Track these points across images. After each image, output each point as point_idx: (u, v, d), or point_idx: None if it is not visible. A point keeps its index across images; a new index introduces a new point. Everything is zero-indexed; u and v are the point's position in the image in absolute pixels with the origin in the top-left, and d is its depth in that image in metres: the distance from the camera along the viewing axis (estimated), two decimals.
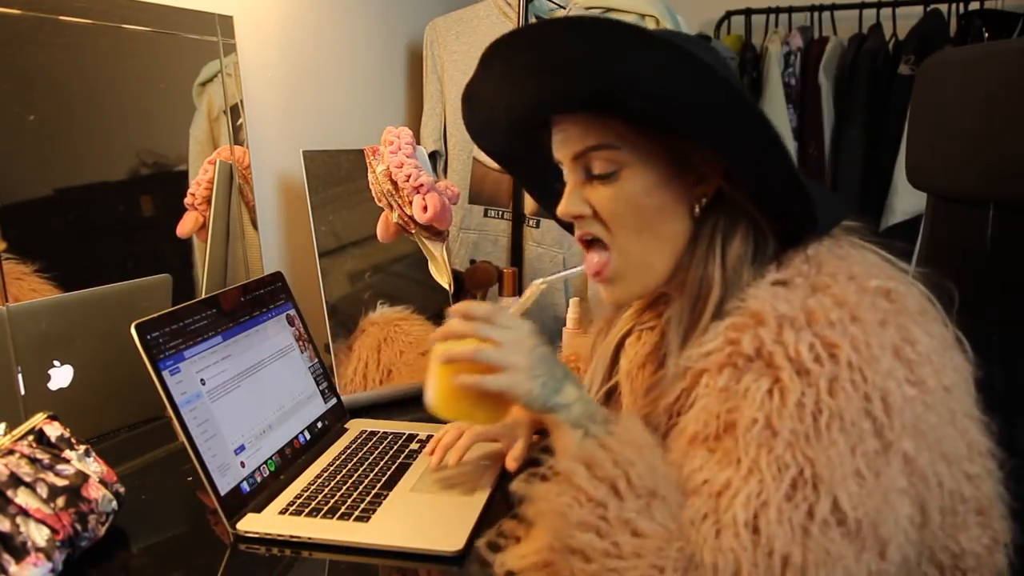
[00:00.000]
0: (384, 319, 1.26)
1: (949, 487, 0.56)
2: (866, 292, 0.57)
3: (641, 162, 0.63)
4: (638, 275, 0.67)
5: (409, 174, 1.22)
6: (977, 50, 0.89)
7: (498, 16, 1.62)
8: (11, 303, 0.94)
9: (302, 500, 0.87)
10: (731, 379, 0.57)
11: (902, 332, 0.56)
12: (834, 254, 0.61)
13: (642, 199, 0.64)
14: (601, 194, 0.65)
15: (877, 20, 2.35)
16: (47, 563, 0.69)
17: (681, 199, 0.65)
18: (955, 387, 0.57)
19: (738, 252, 0.64)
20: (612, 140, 0.63)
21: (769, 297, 0.58)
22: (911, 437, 0.54)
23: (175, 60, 1.16)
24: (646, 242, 0.65)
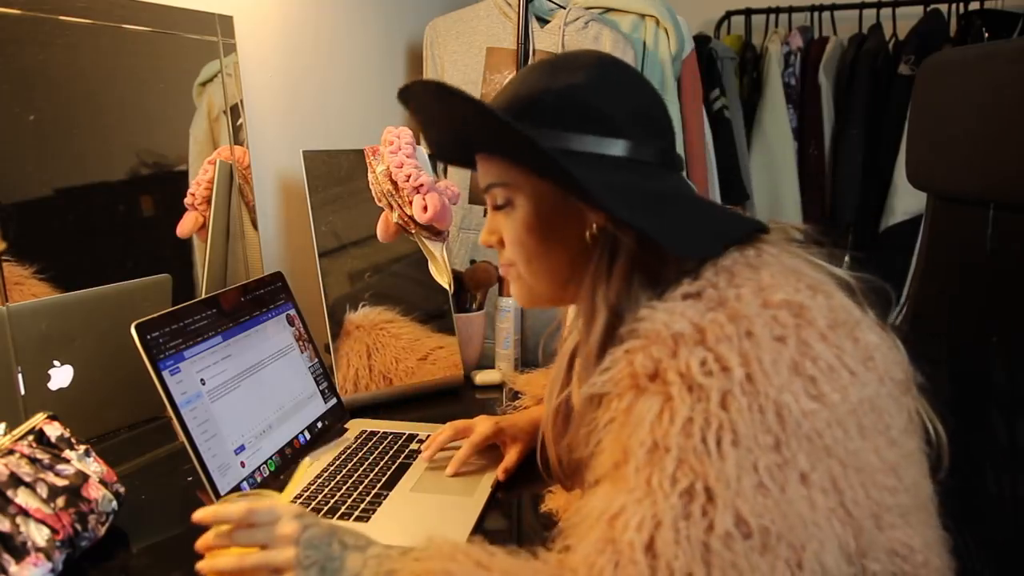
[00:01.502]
0: (369, 322, 1.25)
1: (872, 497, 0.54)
2: (769, 306, 0.56)
3: (528, 195, 0.69)
4: (526, 289, 0.74)
5: (409, 174, 1.22)
6: (977, 50, 0.89)
7: (498, 16, 1.62)
8: (11, 303, 0.94)
9: (302, 500, 0.87)
10: (632, 403, 0.57)
11: (802, 348, 0.55)
12: (748, 264, 0.60)
13: (532, 227, 0.70)
14: (502, 222, 0.73)
15: (877, 20, 2.35)
16: (47, 563, 0.69)
17: (572, 226, 0.68)
18: (868, 403, 0.56)
19: (623, 275, 0.64)
20: (503, 178, 0.70)
21: (664, 315, 0.58)
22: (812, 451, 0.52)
23: (175, 60, 1.16)
24: (536, 263, 0.71)
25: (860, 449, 0.54)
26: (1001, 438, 0.67)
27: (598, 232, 0.66)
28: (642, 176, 0.65)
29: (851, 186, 2.34)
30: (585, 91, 0.66)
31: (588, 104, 0.66)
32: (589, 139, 0.65)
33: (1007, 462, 0.73)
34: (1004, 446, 0.68)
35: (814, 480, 0.52)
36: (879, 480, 0.55)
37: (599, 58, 0.70)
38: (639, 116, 0.67)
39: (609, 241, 0.66)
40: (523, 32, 1.57)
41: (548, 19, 1.61)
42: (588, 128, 0.65)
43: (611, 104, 0.66)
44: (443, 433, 0.97)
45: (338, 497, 0.88)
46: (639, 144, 0.66)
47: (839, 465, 0.53)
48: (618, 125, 0.66)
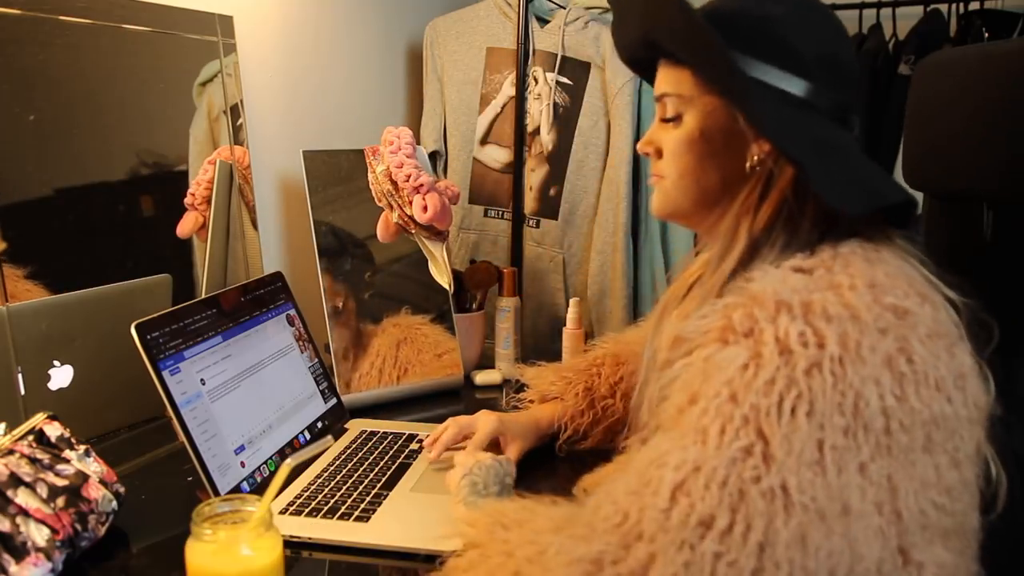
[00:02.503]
0: (407, 322, 1.27)
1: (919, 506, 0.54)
2: (877, 304, 0.55)
3: (699, 112, 0.69)
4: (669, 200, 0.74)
5: (409, 174, 1.22)
6: (977, 50, 0.89)
7: (498, 16, 1.62)
8: (11, 303, 0.94)
9: (302, 500, 0.87)
10: (715, 352, 0.56)
11: (901, 343, 0.54)
12: (865, 256, 0.59)
13: (695, 144, 0.70)
14: (665, 134, 0.73)
15: (877, 20, 2.35)
16: (47, 563, 0.69)
17: (733, 153, 0.68)
18: (941, 419, 0.55)
19: (770, 212, 0.64)
20: (679, 89, 0.70)
21: (773, 281, 0.58)
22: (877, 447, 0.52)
23: (175, 60, 1.16)
24: (689, 179, 0.71)
25: (920, 461, 0.54)
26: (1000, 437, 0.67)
27: (757, 164, 0.66)
28: (813, 121, 0.65)
29: None
30: (781, 24, 0.66)
31: (781, 37, 0.66)
32: (773, 71, 0.65)
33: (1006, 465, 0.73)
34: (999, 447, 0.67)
35: (871, 472, 0.52)
36: (931, 496, 0.55)
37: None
38: (827, 62, 0.67)
39: (765, 175, 0.66)
40: (523, 32, 1.57)
41: (548, 19, 1.61)
42: (775, 60, 0.65)
43: (802, 43, 0.66)
44: (446, 432, 0.97)
45: (338, 497, 0.88)
46: (819, 90, 0.66)
47: (898, 467, 0.53)
48: (804, 65, 0.66)
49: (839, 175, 0.61)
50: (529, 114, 1.60)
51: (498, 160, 1.63)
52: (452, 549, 0.67)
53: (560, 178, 1.59)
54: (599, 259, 1.57)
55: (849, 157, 0.65)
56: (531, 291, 1.64)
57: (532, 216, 1.63)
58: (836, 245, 0.61)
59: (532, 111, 1.59)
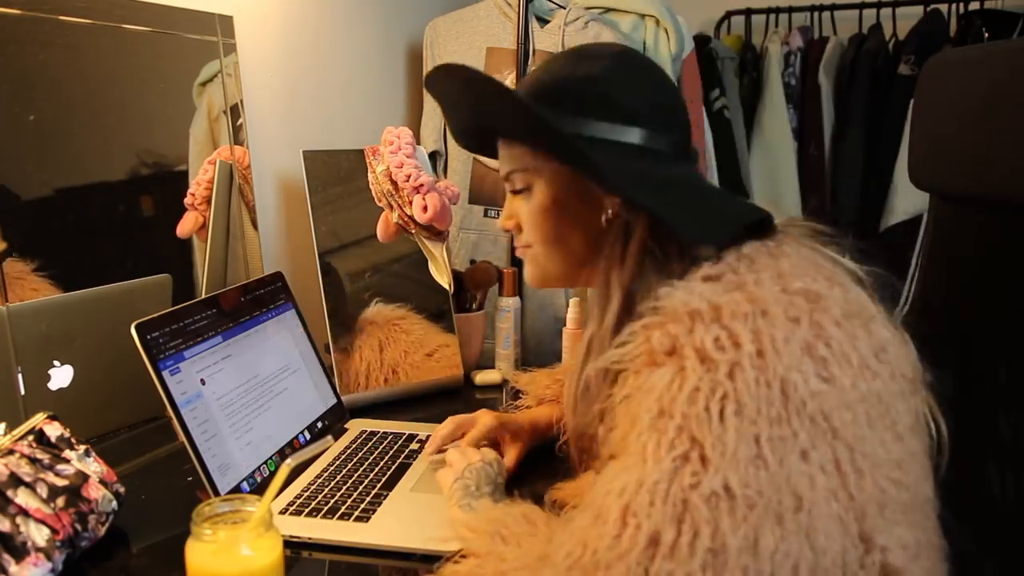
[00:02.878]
0: (382, 318, 1.26)
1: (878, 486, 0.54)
2: (787, 292, 0.57)
3: (546, 180, 0.72)
4: (538, 269, 0.77)
5: (409, 174, 1.22)
6: (977, 50, 0.89)
7: (498, 16, 1.62)
8: (11, 303, 0.93)
9: (302, 500, 0.87)
10: (648, 376, 0.57)
11: (815, 329, 0.55)
12: (768, 252, 0.61)
13: (549, 211, 0.72)
14: (520, 206, 0.75)
15: (877, 20, 2.35)
16: (47, 563, 0.69)
17: (588, 210, 0.70)
18: (876, 397, 0.56)
19: (636, 259, 0.66)
20: (523, 163, 0.73)
21: (682, 294, 0.59)
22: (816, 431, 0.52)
23: (175, 60, 1.16)
24: (552, 246, 0.74)
25: (867, 437, 0.54)
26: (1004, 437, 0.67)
27: (613, 217, 0.68)
28: (656, 164, 0.67)
29: (851, 186, 2.34)
30: (604, 80, 0.68)
31: (606, 92, 0.68)
32: (606, 126, 0.67)
33: (1009, 461, 0.73)
34: (1007, 445, 0.68)
35: (814, 458, 0.52)
36: (885, 472, 0.55)
37: (620, 50, 0.72)
38: (656, 107, 0.69)
39: (623, 226, 0.67)
40: (523, 32, 1.57)
41: (548, 19, 1.61)
42: (606, 116, 0.67)
43: (629, 94, 0.68)
44: (445, 427, 0.97)
45: (338, 497, 0.88)
46: (655, 134, 0.68)
47: (845, 448, 0.53)
48: (635, 114, 0.67)
49: (690, 210, 0.63)
50: None
51: None
52: (450, 550, 0.67)
53: None
54: None
55: (697, 191, 0.67)
56: (531, 291, 1.64)
57: None
58: (738, 248, 0.62)
59: None
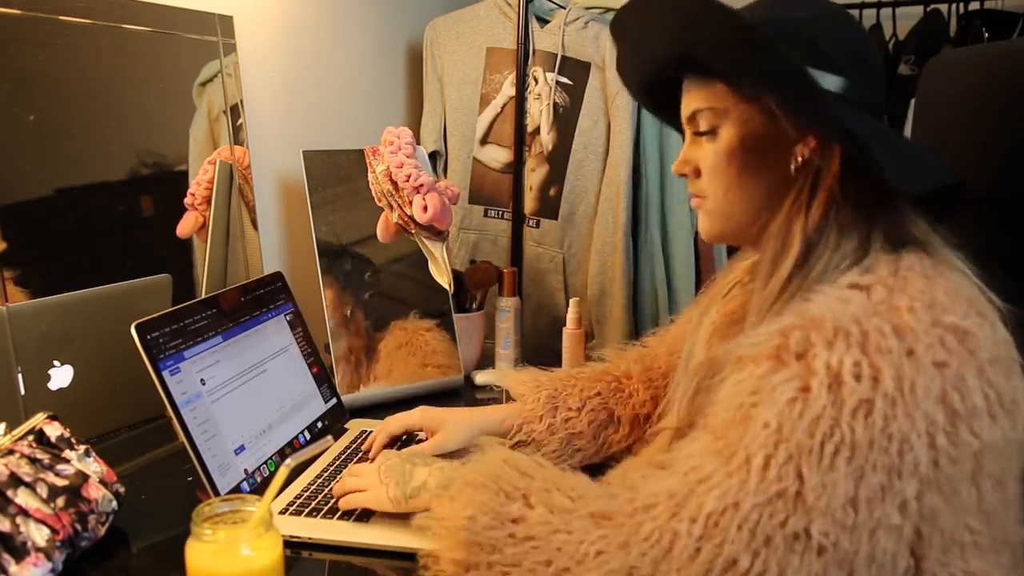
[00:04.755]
0: (407, 322, 1.27)
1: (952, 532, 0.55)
2: (938, 326, 0.55)
3: (737, 122, 0.69)
4: (718, 219, 0.73)
5: (409, 174, 1.22)
6: (977, 51, 0.89)
7: (498, 16, 1.62)
8: (11, 303, 0.93)
9: (302, 500, 0.87)
10: (768, 372, 0.57)
11: (956, 380, 0.54)
12: (924, 274, 0.59)
13: (735, 155, 0.69)
14: (704, 149, 0.72)
15: (877, 20, 2.35)
16: (47, 563, 0.69)
17: (775, 156, 0.68)
18: (993, 445, 0.55)
19: (822, 209, 0.64)
20: (713, 103, 0.70)
21: (835, 303, 0.57)
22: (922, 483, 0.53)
23: (175, 60, 1.16)
24: (734, 192, 0.70)
25: (964, 490, 0.54)
26: None
27: (802, 164, 0.66)
28: (853, 112, 0.65)
29: None
30: (811, 26, 0.67)
31: (812, 37, 0.66)
32: (812, 72, 0.64)
33: None
34: None
35: (913, 508, 0.52)
36: (967, 520, 0.55)
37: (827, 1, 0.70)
38: (858, 60, 0.67)
39: (812, 173, 0.65)
40: (523, 32, 1.57)
41: (548, 19, 1.61)
42: (809, 60, 0.65)
43: (834, 42, 0.66)
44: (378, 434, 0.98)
45: None
46: (855, 85, 0.66)
47: (941, 499, 0.53)
48: (837, 62, 0.66)
49: (897, 157, 0.60)
50: (529, 114, 1.60)
51: (498, 160, 1.63)
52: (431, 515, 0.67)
53: (560, 178, 1.59)
54: (599, 259, 1.57)
55: (895, 139, 0.65)
56: (531, 291, 1.64)
57: (532, 216, 1.63)
58: (893, 259, 0.60)
59: (532, 111, 1.59)
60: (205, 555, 0.62)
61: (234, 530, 0.63)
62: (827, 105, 0.59)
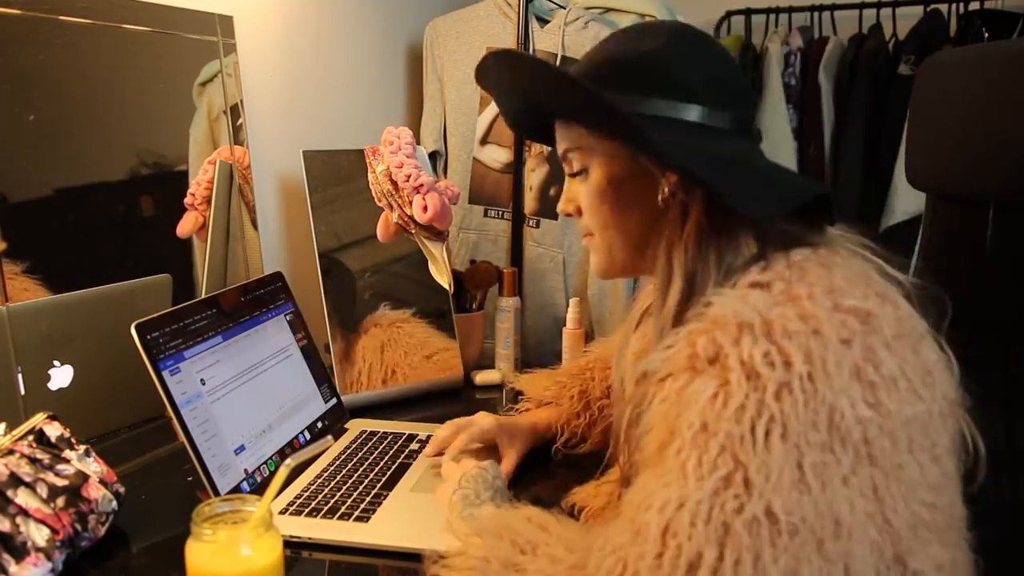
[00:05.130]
0: (387, 320, 1.26)
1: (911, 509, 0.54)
2: (838, 310, 0.56)
3: (602, 161, 0.71)
4: (604, 255, 0.75)
5: (409, 174, 1.22)
6: (977, 50, 0.89)
7: (498, 16, 1.62)
8: (11, 303, 0.94)
9: (302, 500, 0.87)
10: (687, 383, 0.56)
11: (866, 353, 0.54)
12: (820, 262, 0.60)
13: (606, 192, 0.71)
14: (578, 188, 0.74)
15: (877, 20, 2.35)
16: (47, 563, 0.69)
17: (645, 190, 0.68)
18: (919, 418, 0.55)
19: (695, 238, 0.64)
20: (577, 143, 0.72)
21: (732, 302, 0.58)
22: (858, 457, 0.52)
23: (175, 60, 1.16)
24: (611, 229, 0.72)
25: (905, 463, 0.54)
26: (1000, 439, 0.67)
27: (669, 196, 0.66)
28: (714, 141, 0.65)
29: (851, 186, 2.34)
30: (660, 57, 0.67)
31: (663, 69, 0.66)
32: (663, 103, 0.66)
33: (1006, 464, 0.73)
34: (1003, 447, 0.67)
35: (854, 483, 0.52)
36: (919, 495, 0.55)
37: (676, 26, 0.71)
38: (714, 83, 0.67)
39: (680, 204, 0.66)
40: (523, 32, 1.57)
41: (548, 19, 1.61)
42: (662, 93, 0.66)
43: (686, 70, 0.66)
44: (444, 430, 0.97)
45: (338, 497, 0.88)
46: (714, 111, 0.66)
47: (883, 474, 0.53)
48: (692, 91, 0.66)
49: (747, 184, 0.61)
50: None
51: (498, 160, 1.63)
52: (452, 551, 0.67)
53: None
54: None
55: (755, 166, 0.66)
56: (531, 291, 1.64)
57: (532, 216, 1.63)
58: (788, 254, 0.61)
59: None
60: (205, 555, 0.62)
61: (234, 530, 0.63)
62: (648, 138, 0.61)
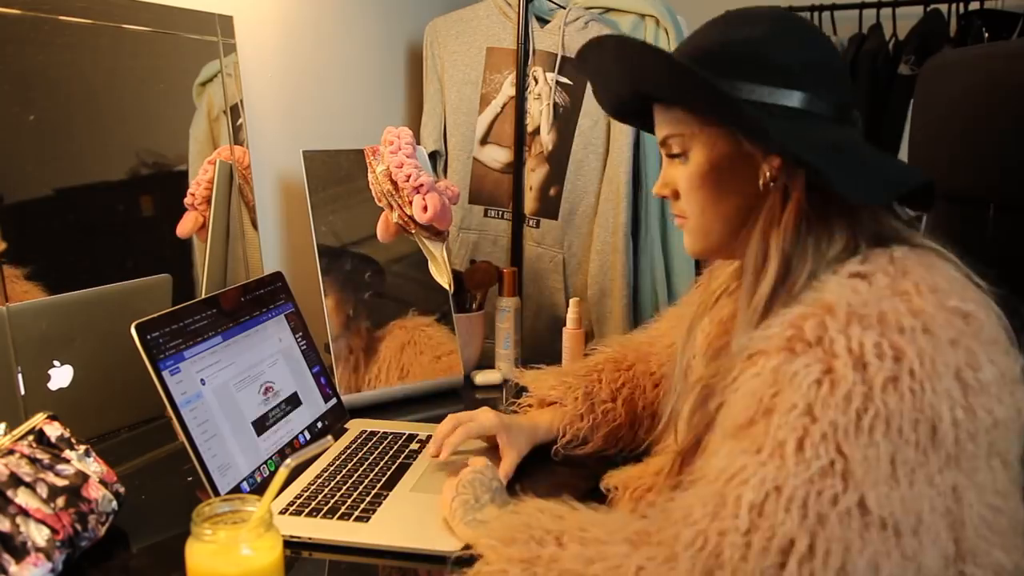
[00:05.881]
0: (407, 322, 1.28)
1: (979, 512, 0.55)
2: (943, 309, 0.56)
3: (704, 145, 0.70)
4: (699, 237, 0.74)
5: (409, 174, 1.22)
6: (977, 51, 0.89)
7: (498, 16, 1.62)
8: (11, 303, 0.94)
9: (302, 500, 0.87)
10: (784, 362, 0.56)
11: (969, 356, 0.55)
12: (921, 263, 0.60)
13: (706, 176, 0.71)
14: (678, 172, 0.74)
15: (877, 20, 2.35)
16: (47, 563, 0.69)
17: (745, 175, 0.69)
18: (1002, 423, 0.56)
19: (793, 223, 0.65)
20: (679, 128, 0.72)
21: (844, 290, 0.58)
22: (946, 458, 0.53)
23: (175, 60, 1.16)
24: (709, 213, 0.72)
25: (982, 468, 0.55)
26: None
27: (770, 180, 0.67)
28: (816, 127, 0.66)
29: None
30: (762, 43, 0.67)
31: (764, 55, 0.67)
32: (765, 90, 0.66)
33: None
34: None
35: (938, 483, 0.53)
36: (988, 499, 0.55)
37: (778, 12, 0.71)
38: (815, 68, 0.67)
39: (781, 189, 0.66)
40: (523, 32, 1.57)
41: (548, 19, 1.61)
42: (764, 79, 0.66)
43: (787, 56, 0.67)
44: (445, 426, 0.97)
45: (338, 497, 0.88)
46: (815, 97, 0.67)
47: (963, 476, 0.54)
48: (793, 77, 0.66)
49: (852, 170, 0.61)
50: (529, 114, 1.60)
51: (498, 160, 1.63)
52: (453, 549, 0.67)
53: (560, 178, 1.59)
54: (599, 259, 1.57)
55: (858, 152, 0.66)
56: (531, 291, 1.64)
57: (532, 216, 1.63)
58: (889, 250, 0.61)
59: (532, 111, 1.59)
60: (205, 555, 0.62)
61: (234, 530, 0.63)
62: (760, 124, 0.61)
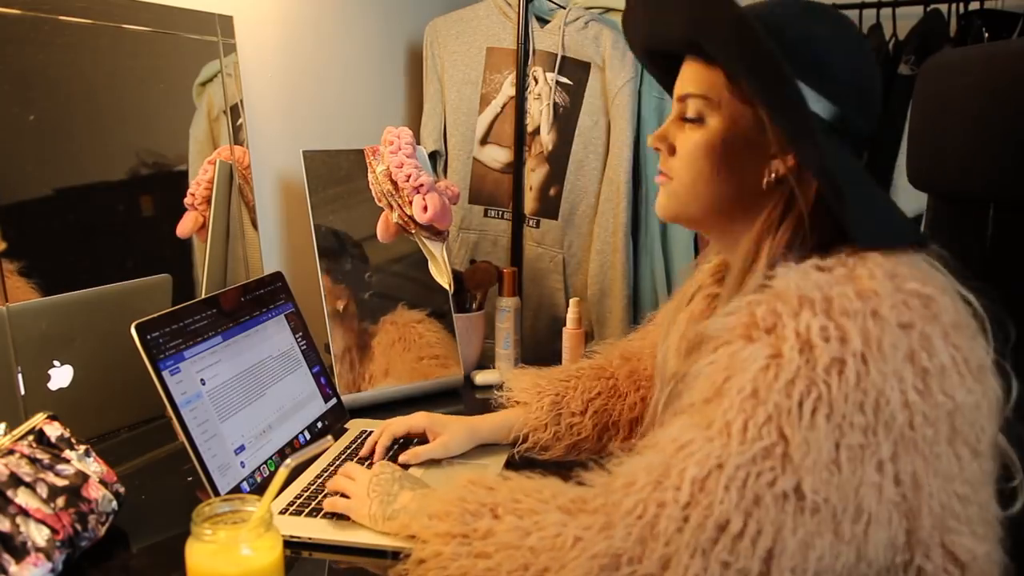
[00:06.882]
0: (407, 322, 1.27)
1: (940, 500, 0.55)
2: (899, 292, 0.56)
3: (725, 117, 0.67)
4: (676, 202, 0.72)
5: (409, 174, 1.22)
6: (977, 51, 0.89)
7: (498, 16, 1.62)
8: (11, 303, 0.93)
9: (302, 500, 0.87)
10: (740, 349, 0.57)
11: (923, 340, 0.54)
12: (883, 253, 0.59)
13: (714, 149, 0.68)
14: (686, 134, 0.70)
15: (877, 20, 2.35)
16: (47, 563, 0.69)
17: (751, 163, 0.67)
18: (964, 409, 0.55)
19: (790, 232, 0.64)
20: (707, 91, 0.68)
21: (796, 278, 0.58)
22: (899, 443, 0.53)
23: (175, 60, 1.16)
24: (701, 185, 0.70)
25: (945, 454, 0.55)
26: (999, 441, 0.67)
27: (775, 180, 0.66)
28: (843, 147, 0.65)
29: None
30: (823, 44, 0.65)
31: (820, 57, 0.64)
32: (808, 91, 0.63)
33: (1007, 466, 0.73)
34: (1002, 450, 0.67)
35: (889, 470, 0.53)
36: (955, 488, 0.55)
37: (839, 16, 0.68)
38: (859, 91, 0.66)
39: (786, 193, 0.65)
40: (523, 32, 1.57)
41: (548, 19, 1.61)
42: (811, 80, 0.64)
43: (839, 67, 0.65)
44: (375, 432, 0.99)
45: None
46: (846, 116, 0.65)
47: (922, 462, 0.54)
48: (836, 89, 0.65)
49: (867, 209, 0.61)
50: (529, 114, 1.60)
51: (498, 160, 1.63)
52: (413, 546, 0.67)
53: (560, 178, 1.59)
54: (599, 259, 1.57)
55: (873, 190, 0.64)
56: (531, 291, 1.64)
57: (532, 216, 1.63)
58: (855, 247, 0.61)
59: (532, 111, 1.59)
60: (205, 555, 0.62)
61: (234, 530, 0.63)
62: (814, 136, 0.59)
